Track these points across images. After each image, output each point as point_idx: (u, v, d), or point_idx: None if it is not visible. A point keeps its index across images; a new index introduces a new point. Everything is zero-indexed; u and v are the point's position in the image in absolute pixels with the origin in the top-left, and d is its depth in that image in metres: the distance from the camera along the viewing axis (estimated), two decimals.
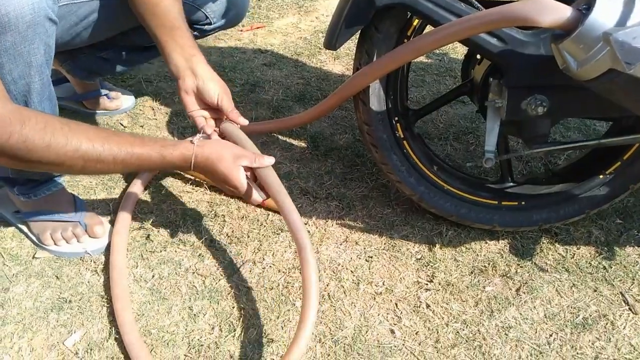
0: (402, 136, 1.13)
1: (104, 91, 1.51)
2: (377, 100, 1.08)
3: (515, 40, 0.93)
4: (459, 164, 1.40)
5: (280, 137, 1.49)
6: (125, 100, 1.56)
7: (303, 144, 1.47)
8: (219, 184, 0.99)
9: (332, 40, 1.03)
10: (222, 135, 1.03)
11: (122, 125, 1.50)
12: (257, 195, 0.97)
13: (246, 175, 0.93)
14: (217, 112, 1.05)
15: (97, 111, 1.52)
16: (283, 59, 1.88)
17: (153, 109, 1.58)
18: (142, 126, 1.50)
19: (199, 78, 1.01)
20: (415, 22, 1.03)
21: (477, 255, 1.17)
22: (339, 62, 1.88)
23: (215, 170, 0.91)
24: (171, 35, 1.02)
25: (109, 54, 1.37)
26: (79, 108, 1.52)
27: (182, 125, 1.51)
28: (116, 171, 0.86)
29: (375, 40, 1.03)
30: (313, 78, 1.77)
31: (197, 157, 0.90)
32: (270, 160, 0.95)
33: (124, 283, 1.02)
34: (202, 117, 1.04)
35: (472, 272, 1.13)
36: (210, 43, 1.94)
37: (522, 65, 0.94)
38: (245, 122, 1.03)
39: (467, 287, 1.10)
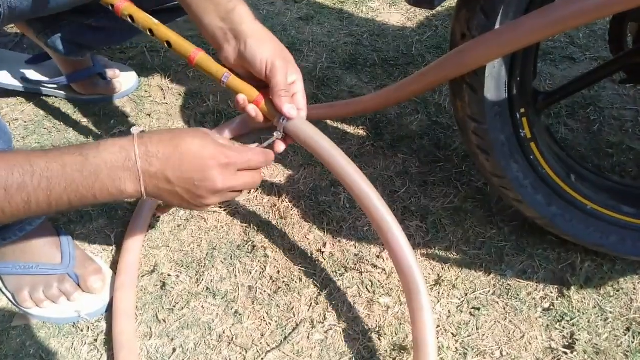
0: (528, 136, 0.74)
1: (97, 69, 1.15)
2: (494, 85, 0.69)
3: None
4: (600, 165, 1.00)
5: (329, 122, 1.11)
6: (126, 80, 1.20)
7: (361, 132, 1.09)
8: (208, 180, 0.56)
9: None
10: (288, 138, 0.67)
11: (123, 114, 1.15)
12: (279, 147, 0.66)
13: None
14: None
15: (91, 96, 1.17)
16: (323, 9, 1.46)
17: (162, 90, 1.21)
18: (149, 114, 1.15)
19: (242, 39, 0.63)
20: None
21: (632, 300, 0.81)
22: (397, 10, 1.45)
23: (188, 155, 0.54)
24: None
25: (101, 21, 0.99)
26: (68, 94, 1.17)
27: (200, 111, 1.15)
28: (15, 209, 0.49)
29: None
30: (365, 34, 1.36)
31: (144, 139, 0.54)
32: (268, 156, 0.62)
33: None
34: (252, 107, 0.65)
35: (628, 329, 0.78)
36: None
37: None
38: (293, 115, 0.64)
39: (626, 354, 0.75)
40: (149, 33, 0.67)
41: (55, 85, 1.15)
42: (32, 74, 1.15)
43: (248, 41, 0.63)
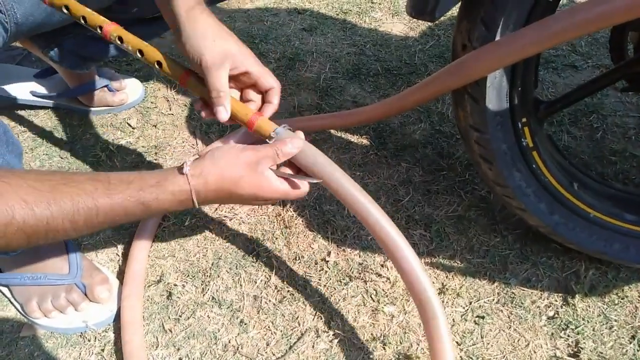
0: (530, 145, 0.75)
1: (103, 81, 1.17)
2: (496, 95, 0.70)
3: None
4: (603, 173, 1.00)
5: (333, 132, 1.12)
6: (132, 91, 1.22)
7: (365, 141, 1.10)
8: (248, 204, 0.67)
9: (429, 3, 0.64)
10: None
11: (129, 125, 1.16)
12: (305, 186, 0.64)
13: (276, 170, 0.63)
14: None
15: (98, 108, 1.19)
16: (326, 20, 1.47)
17: (168, 101, 1.23)
18: (155, 125, 1.16)
19: (180, 37, 0.64)
20: None
21: (637, 307, 0.81)
22: (399, 20, 1.46)
23: (239, 196, 0.60)
24: None
25: None
26: (75, 106, 1.19)
27: (205, 122, 1.16)
28: (80, 235, 0.55)
29: (500, 1, 0.64)
30: (368, 44, 1.37)
31: (201, 194, 0.58)
32: (298, 142, 0.62)
33: None
34: (199, 102, 0.67)
35: (633, 337, 0.78)
36: (233, 5, 1.55)
37: None
38: (223, 116, 0.64)
39: None
40: (138, 55, 0.67)
41: (62, 98, 1.17)
42: (40, 88, 1.17)
43: (182, 41, 0.63)
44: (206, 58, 0.62)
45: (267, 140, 0.64)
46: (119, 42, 0.67)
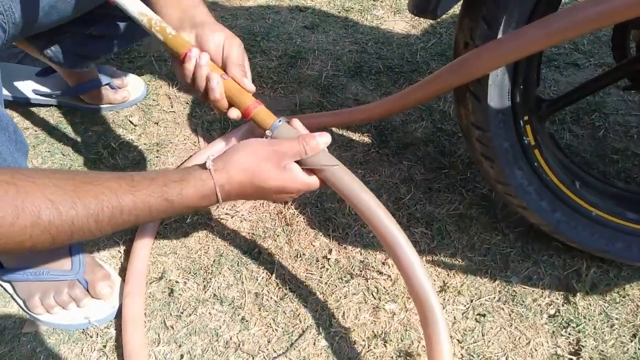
0: (532, 143, 0.75)
1: (105, 79, 1.17)
2: (498, 94, 0.70)
3: None
4: (606, 171, 1.00)
5: (335, 129, 1.12)
6: (133, 89, 1.21)
7: (366, 139, 1.10)
8: (272, 200, 0.68)
9: (431, 1, 0.64)
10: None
11: (131, 123, 1.16)
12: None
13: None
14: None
15: (100, 106, 1.19)
16: (328, 17, 1.47)
17: (170, 98, 1.23)
18: (156, 123, 1.16)
19: (199, 25, 0.68)
20: None
21: (638, 306, 0.81)
22: (401, 18, 1.46)
23: (264, 190, 0.61)
24: None
25: (101, 29, 1.01)
26: (76, 104, 1.19)
27: (207, 119, 1.16)
28: (104, 234, 0.55)
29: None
30: (370, 42, 1.37)
31: (225, 187, 0.58)
32: (326, 137, 0.62)
33: None
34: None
35: (634, 336, 0.78)
36: (235, 3, 1.55)
37: None
38: (252, 87, 0.67)
39: None
40: (145, 22, 0.67)
41: (64, 97, 1.17)
42: (41, 86, 1.17)
43: (204, 26, 0.67)
44: (232, 39, 0.67)
45: (266, 132, 0.64)
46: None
